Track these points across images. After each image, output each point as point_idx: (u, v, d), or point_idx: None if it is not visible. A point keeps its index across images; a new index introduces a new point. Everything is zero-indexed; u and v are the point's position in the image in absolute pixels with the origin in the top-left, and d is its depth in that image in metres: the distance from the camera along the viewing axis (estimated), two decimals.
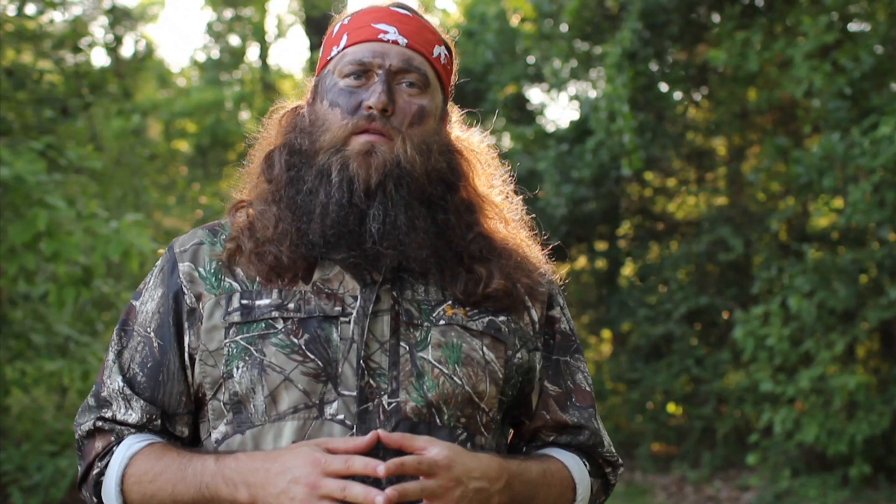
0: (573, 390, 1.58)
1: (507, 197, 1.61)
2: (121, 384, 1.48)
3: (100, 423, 1.49)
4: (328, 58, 1.53)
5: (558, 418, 1.55)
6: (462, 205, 1.51)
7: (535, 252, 1.61)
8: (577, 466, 1.53)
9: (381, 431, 1.32)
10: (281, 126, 1.55)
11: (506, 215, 1.59)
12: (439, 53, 1.53)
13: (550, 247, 1.66)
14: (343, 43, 1.51)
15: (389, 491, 1.26)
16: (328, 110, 1.47)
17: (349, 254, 1.43)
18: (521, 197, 1.65)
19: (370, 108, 1.43)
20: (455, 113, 1.61)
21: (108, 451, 1.47)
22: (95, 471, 1.48)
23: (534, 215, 1.66)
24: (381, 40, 1.48)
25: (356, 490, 1.26)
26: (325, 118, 1.47)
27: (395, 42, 1.48)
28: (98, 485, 1.48)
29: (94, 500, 1.49)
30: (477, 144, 1.60)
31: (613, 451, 1.60)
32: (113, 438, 1.48)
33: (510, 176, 1.65)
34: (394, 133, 1.44)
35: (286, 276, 1.45)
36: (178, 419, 1.48)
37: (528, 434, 1.58)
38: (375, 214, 1.41)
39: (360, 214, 1.41)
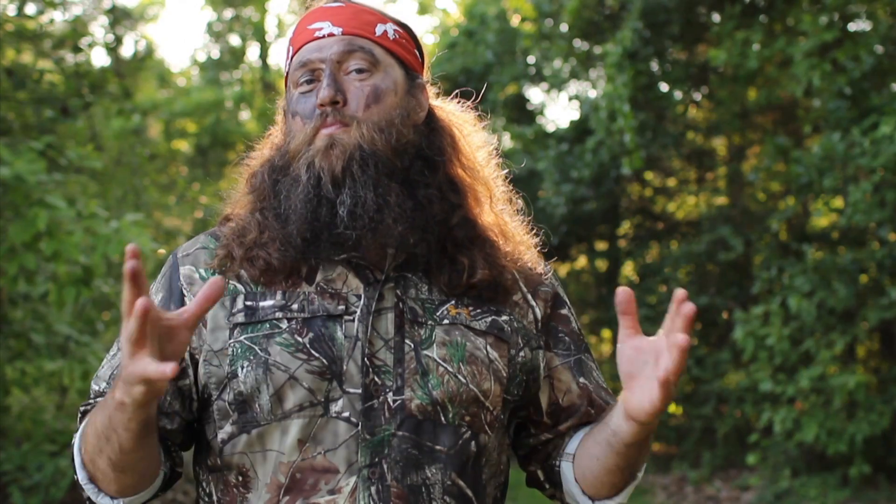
0: (599, 387, 1.60)
1: (493, 171, 1.61)
2: (104, 387, 1.50)
3: (85, 408, 1.52)
4: (286, 74, 1.57)
5: (602, 408, 1.55)
6: (447, 184, 1.51)
7: (523, 236, 1.60)
8: None
9: (623, 289, 1.27)
10: (265, 150, 1.58)
11: (493, 193, 1.58)
12: (384, 31, 1.52)
13: (550, 247, 1.65)
14: (290, 55, 1.54)
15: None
16: (293, 122, 1.50)
17: (350, 254, 1.44)
18: (520, 196, 1.65)
19: (321, 105, 1.45)
20: (429, 84, 1.60)
21: None
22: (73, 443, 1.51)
23: (535, 218, 1.65)
24: (317, 38, 1.50)
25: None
26: (291, 130, 1.50)
27: (331, 34, 1.49)
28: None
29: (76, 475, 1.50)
30: (460, 115, 1.60)
31: None
32: None
33: (510, 176, 1.65)
34: (350, 121, 1.45)
35: (279, 277, 1.46)
36: (162, 416, 1.47)
37: (563, 430, 1.56)
38: (344, 200, 1.41)
39: (331, 205, 1.42)
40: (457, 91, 1.65)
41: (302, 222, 1.42)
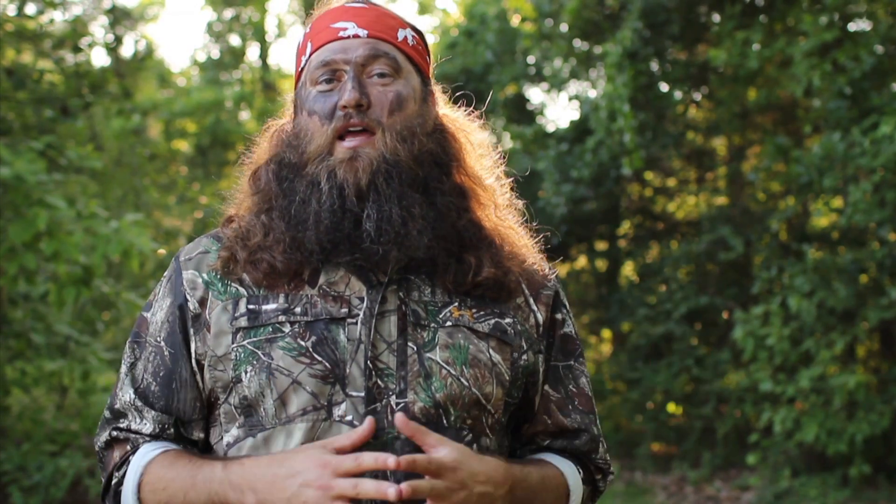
0: (576, 394, 1.58)
1: (497, 178, 1.61)
2: (132, 396, 1.49)
3: (115, 433, 1.50)
4: (300, 69, 1.55)
5: (559, 422, 1.56)
6: (455, 189, 1.51)
7: (526, 240, 1.60)
8: (572, 473, 1.54)
9: (399, 416, 1.31)
10: (269, 143, 1.56)
11: (497, 199, 1.58)
12: (405, 37, 1.52)
13: (550, 247, 1.65)
14: (309, 51, 1.52)
15: (404, 486, 1.26)
16: (308, 120, 1.48)
17: (353, 256, 1.43)
18: (523, 202, 1.65)
19: (344, 107, 1.44)
20: (440, 92, 1.60)
21: (125, 461, 1.48)
22: (115, 480, 1.49)
23: (535, 218, 1.65)
24: (341, 38, 1.49)
25: (368, 486, 1.27)
26: (306, 128, 1.48)
27: (356, 36, 1.48)
28: (118, 494, 1.48)
29: None
30: (466, 122, 1.60)
31: (607, 458, 1.61)
32: (129, 448, 1.48)
33: (510, 176, 1.65)
34: (374, 125, 1.44)
35: (283, 280, 1.45)
36: (195, 425, 1.48)
37: (525, 437, 1.58)
38: (370, 214, 1.41)
39: (355, 217, 1.41)
40: (459, 93, 1.65)
41: (324, 232, 1.41)
